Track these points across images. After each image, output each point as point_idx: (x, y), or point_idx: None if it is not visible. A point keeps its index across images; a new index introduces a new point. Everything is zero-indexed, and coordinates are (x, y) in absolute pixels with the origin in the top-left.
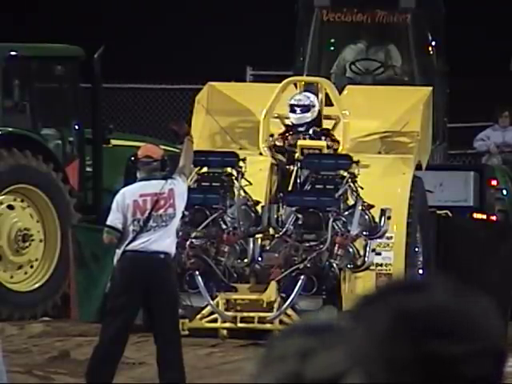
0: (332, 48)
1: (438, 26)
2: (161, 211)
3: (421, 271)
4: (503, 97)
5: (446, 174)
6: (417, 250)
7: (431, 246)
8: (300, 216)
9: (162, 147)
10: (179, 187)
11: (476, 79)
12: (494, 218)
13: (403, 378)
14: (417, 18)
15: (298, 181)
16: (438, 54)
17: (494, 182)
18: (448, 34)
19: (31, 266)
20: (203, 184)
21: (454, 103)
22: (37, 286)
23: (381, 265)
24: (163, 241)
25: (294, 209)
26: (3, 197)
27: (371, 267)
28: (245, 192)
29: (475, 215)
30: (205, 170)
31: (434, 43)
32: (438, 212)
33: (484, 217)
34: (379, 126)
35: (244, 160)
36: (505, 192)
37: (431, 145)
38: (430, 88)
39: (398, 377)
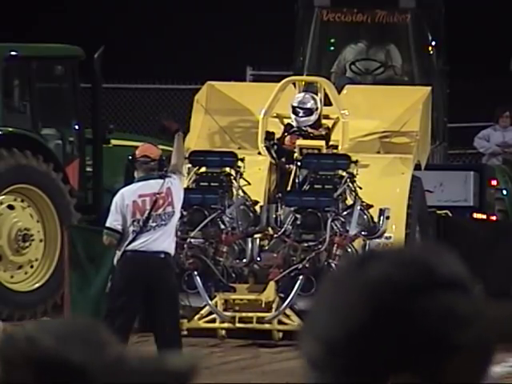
0: (332, 48)
1: (437, 25)
2: (160, 210)
3: None
4: (503, 97)
5: (446, 174)
6: None
7: None
8: (298, 216)
9: (161, 147)
10: (176, 185)
11: (476, 79)
12: (494, 217)
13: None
14: (417, 18)
15: (297, 181)
16: (438, 53)
17: (494, 182)
18: (448, 34)
19: (31, 266)
20: (202, 184)
21: (454, 103)
22: (37, 286)
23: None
24: (163, 240)
25: (292, 209)
26: (3, 197)
27: None
28: (243, 192)
29: (475, 215)
30: (203, 169)
31: (433, 43)
32: (438, 212)
33: (484, 217)
34: (378, 125)
35: (243, 160)
36: (505, 192)
37: (431, 145)
38: (429, 88)
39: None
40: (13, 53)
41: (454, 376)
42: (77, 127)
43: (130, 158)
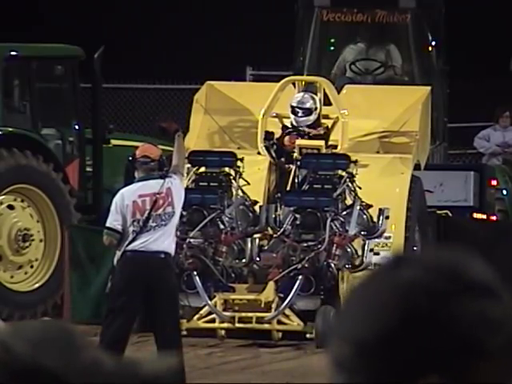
0: (332, 48)
1: (437, 25)
2: (160, 211)
3: None
4: (503, 97)
5: (446, 174)
6: (415, 249)
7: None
8: (298, 216)
9: (161, 147)
10: (176, 185)
11: (476, 79)
12: (494, 217)
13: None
14: (417, 18)
15: (296, 180)
16: (438, 53)
17: (494, 182)
18: (448, 34)
19: (31, 266)
20: (201, 184)
21: (454, 103)
22: (37, 286)
23: (379, 265)
24: (163, 240)
25: (292, 209)
26: (3, 197)
27: (369, 267)
28: (243, 192)
29: (475, 215)
30: (203, 169)
31: (433, 43)
32: (438, 212)
33: (484, 217)
34: (378, 125)
35: (242, 160)
36: (505, 192)
37: (431, 145)
38: (429, 87)
39: None
40: (13, 53)
41: (482, 377)
42: (77, 127)
43: (130, 158)
